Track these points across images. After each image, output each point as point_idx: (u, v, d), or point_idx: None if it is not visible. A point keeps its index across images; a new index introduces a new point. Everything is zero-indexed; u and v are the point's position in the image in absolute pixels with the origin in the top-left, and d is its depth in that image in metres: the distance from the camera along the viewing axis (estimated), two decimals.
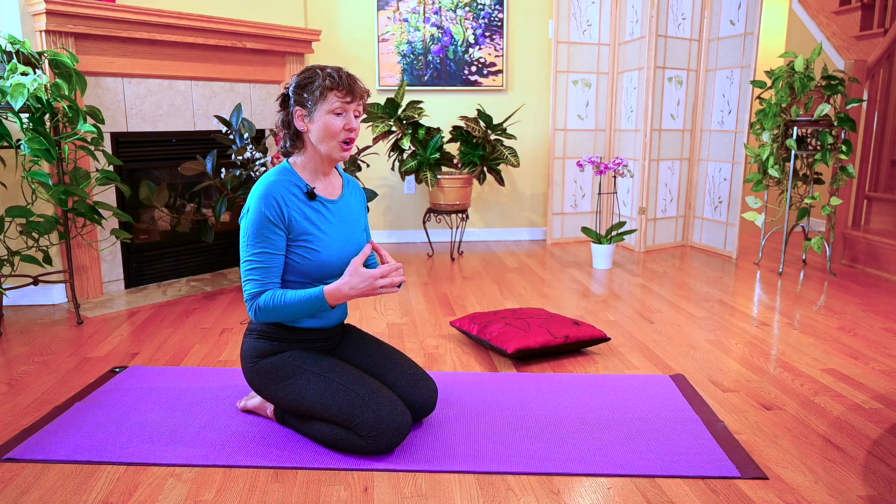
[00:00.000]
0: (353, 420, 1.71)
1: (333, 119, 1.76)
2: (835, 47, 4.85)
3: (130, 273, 3.52)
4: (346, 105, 1.77)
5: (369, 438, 1.71)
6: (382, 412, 1.71)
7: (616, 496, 1.58)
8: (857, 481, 1.64)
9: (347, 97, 1.76)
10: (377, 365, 1.93)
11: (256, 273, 1.75)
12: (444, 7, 4.61)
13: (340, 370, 1.80)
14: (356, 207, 1.97)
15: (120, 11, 3.15)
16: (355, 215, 1.95)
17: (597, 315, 3.05)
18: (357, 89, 1.78)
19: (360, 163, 3.97)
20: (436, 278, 3.79)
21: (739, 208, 4.25)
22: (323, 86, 1.75)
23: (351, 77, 1.79)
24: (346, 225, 1.90)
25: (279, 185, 1.78)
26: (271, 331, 1.85)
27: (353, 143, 1.82)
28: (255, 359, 1.84)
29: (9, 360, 2.50)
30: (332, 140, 1.78)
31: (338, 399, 1.73)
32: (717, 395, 2.17)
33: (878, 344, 2.65)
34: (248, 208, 1.77)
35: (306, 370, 1.79)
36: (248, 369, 1.85)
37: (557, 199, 4.77)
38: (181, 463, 1.72)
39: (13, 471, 1.69)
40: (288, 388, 1.79)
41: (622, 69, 4.62)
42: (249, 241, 1.75)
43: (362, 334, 2.05)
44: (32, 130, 2.68)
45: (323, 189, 1.87)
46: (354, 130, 1.79)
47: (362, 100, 1.81)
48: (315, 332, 1.90)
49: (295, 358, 1.82)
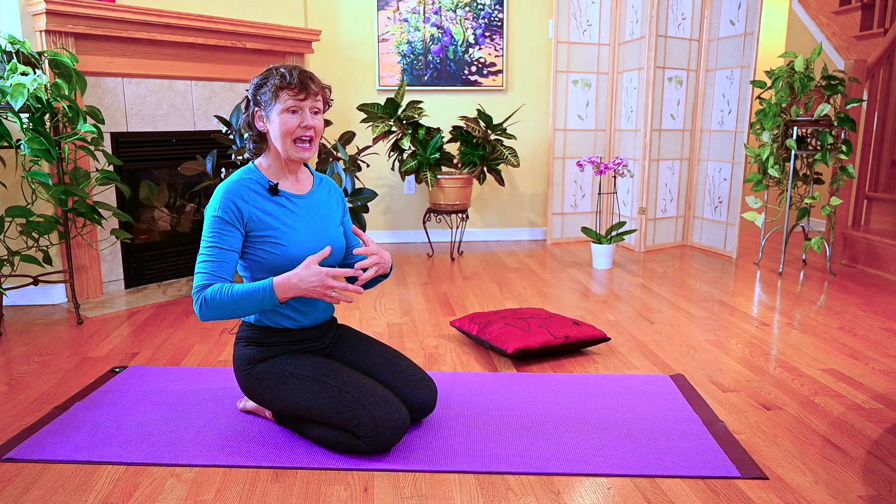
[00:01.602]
0: (351, 422, 1.71)
1: (288, 117, 1.75)
2: (835, 47, 4.85)
3: (130, 273, 3.52)
4: (300, 102, 1.75)
5: (367, 439, 1.71)
6: (379, 412, 1.71)
7: (616, 496, 1.58)
8: (857, 481, 1.64)
9: (300, 94, 1.74)
10: (376, 366, 1.92)
11: (207, 266, 1.72)
12: (444, 7, 4.61)
13: (334, 372, 1.79)
14: (330, 204, 1.94)
15: (120, 11, 3.15)
16: (328, 211, 1.92)
17: (597, 315, 3.05)
18: (311, 86, 1.76)
19: (360, 163, 3.97)
20: (436, 278, 3.79)
21: (739, 208, 4.25)
22: (275, 85, 1.74)
23: (304, 74, 1.77)
24: (316, 220, 1.87)
25: (240, 183, 1.78)
26: (258, 336, 1.84)
27: (313, 141, 1.80)
28: (248, 367, 1.84)
29: (9, 360, 2.50)
30: (288, 138, 1.76)
31: (333, 402, 1.73)
32: (717, 395, 2.17)
33: (878, 344, 2.65)
34: (207, 209, 1.77)
35: (299, 375, 1.78)
36: (242, 378, 1.85)
37: (557, 199, 4.77)
38: (181, 463, 1.72)
39: (13, 471, 1.69)
40: (282, 395, 1.78)
41: (622, 69, 4.62)
42: (205, 237, 1.75)
43: (359, 335, 2.04)
44: (32, 130, 2.68)
45: (289, 186, 1.86)
46: (311, 128, 1.77)
47: (318, 96, 1.78)
48: (301, 333, 1.88)
49: (286, 363, 1.81)
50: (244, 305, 1.69)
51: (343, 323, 2.37)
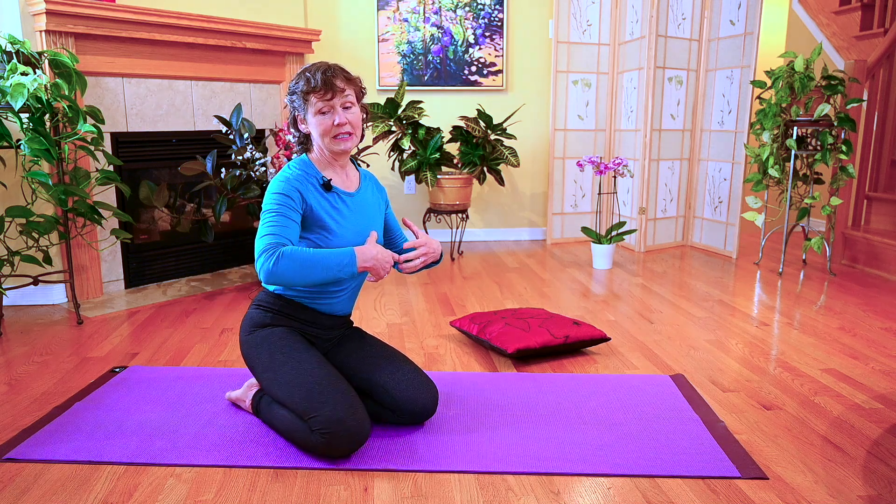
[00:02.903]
0: (310, 412, 1.70)
1: (321, 119, 1.82)
2: (835, 47, 4.85)
3: (130, 273, 3.52)
4: (329, 103, 1.80)
5: (321, 435, 1.67)
6: (339, 412, 1.68)
7: (616, 496, 1.58)
8: (857, 481, 1.64)
9: (327, 95, 1.79)
10: (377, 367, 1.92)
11: (274, 229, 1.74)
12: (444, 7, 4.61)
13: (318, 364, 1.80)
14: (374, 202, 2.00)
15: (120, 11, 3.15)
16: (373, 209, 1.98)
17: (597, 315, 3.05)
18: (336, 84, 1.79)
19: (360, 163, 3.97)
20: (436, 278, 3.79)
21: (739, 208, 4.25)
22: (303, 91, 1.81)
23: (329, 72, 1.79)
24: (361, 218, 1.93)
25: (299, 175, 1.84)
26: (274, 303, 1.90)
27: (351, 134, 1.85)
28: (251, 328, 1.89)
29: (9, 360, 2.50)
30: (327, 137, 1.83)
31: (303, 388, 1.74)
32: (717, 395, 2.17)
33: (878, 344, 2.65)
34: (269, 192, 1.82)
35: (287, 352, 1.82)
36: (243, 339, 1.91)
37: (557, 199, 4.77)
38: (181, 463, 1.72)
39: (13, 471, 1.69)
40: (267, 363, 1.82)
41: (622, 69, 4.62)
42: (268, 210, 1.78)
43: (364, 336, 2.06)
44: (32, 130, 2.68)
45: (340, 182, 1.92)
46: (344, 124, 1.82)
47: (345, 92, 1.81)
48: (316, 316, 1.92)
49: (283, 338, 1.85)
50: (325, 264, 1.73)
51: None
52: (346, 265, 1.75)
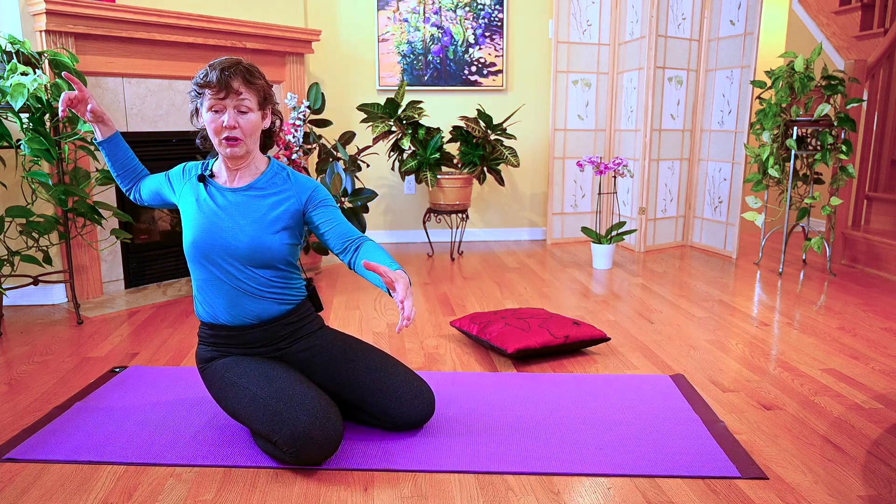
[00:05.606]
0: (273, 436, 1.65)
1: (212, 116, 1.71)
2: (835, 47, 4.85)
3: (130, 273, 3.52)
4: (221, 101, 1.68)
5: (290, 455, 1.65)
6: (301, 425, 1.61)
7: (616, 496, 1.58)
8: (857, 481, 1.64)
9: (220, 94, 1.67)
10: (363, 387, 1.83)
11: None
12: (444, 7, 4.61)
13: (270, 381, 1.71)
14: (275, 202, 1.80)
15: (120, 11, 3.15)
16: (264, 208, 1.79)
17: (597, 315, 3.05)
18: (231, 86, 1.66)
19: (360, 163, 3.97)
20: (436, 278, 3.79)
21: (739, 208, 4.25)
22: (199, 83, 1.69)
23: (229, 71, 1.67)
24: (236, 214, 1.79)
25: (185, 167, 1.93)
26: (206, 334, 1.88)
27: (238, 140, 1.71)
28: (200, 365, 1.90)
29: (9, 360, 2.50)
30: (216, 137, 1.72)
31: (259, 411, 1.67)
32: (717, 395, 2.17)
33: (878, 344, 2.65)
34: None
35: (235, 382, 1.76)
36: (200, 375, 1.91)
37: (557, 199, 4.77)
38: (181, 463, 1.72)
39: (13, 471, 1.69)
40: (224, 400, 1.79)
41: (622, 69, 4.62)
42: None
43: (346, 348, 1.90)
44: (32, 130, 2.68)
45: (225, 179, 1.84)
46: (233, 128, 1.69)
47: (240, 95, 1.68)
48: (238, 333, 1.83)
49: (228, 369, 1.80)
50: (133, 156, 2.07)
51: (334, 328, 2.12)
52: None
